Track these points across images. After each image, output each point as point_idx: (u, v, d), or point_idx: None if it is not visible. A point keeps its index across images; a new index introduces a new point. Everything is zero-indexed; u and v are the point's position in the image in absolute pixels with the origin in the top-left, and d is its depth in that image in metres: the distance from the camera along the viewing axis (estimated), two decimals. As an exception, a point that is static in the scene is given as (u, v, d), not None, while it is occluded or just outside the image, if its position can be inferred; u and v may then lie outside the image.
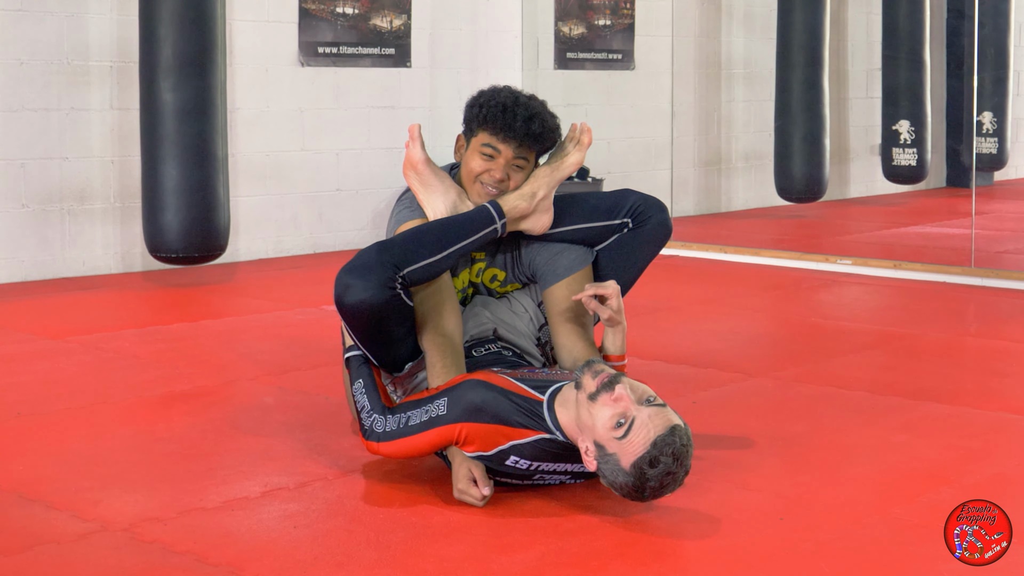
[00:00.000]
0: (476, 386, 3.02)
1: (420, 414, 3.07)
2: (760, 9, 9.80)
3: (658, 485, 2.85)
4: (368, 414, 3.15)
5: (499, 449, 3.01)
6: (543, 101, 3.47)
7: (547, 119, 3.41)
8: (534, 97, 3.45)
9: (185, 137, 6.07)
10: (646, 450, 2.83)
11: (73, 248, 6.70)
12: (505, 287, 3.54)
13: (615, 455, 2.86)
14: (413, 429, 3.07)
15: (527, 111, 3.37)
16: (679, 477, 2.87)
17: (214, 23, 6.12)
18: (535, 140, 3.39)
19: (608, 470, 2.88)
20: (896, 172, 9.94)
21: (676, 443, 2.84)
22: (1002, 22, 10.24)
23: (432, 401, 3.06)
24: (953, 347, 5.10)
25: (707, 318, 5.58)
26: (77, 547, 2.80)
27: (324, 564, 2.70)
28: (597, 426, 2.88)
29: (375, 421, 3.13)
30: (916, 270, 6.75)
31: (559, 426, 2.98)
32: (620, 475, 2.86)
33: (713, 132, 9.69)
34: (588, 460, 2.92)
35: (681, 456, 2.85)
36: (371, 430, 3.13)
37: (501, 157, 3.40)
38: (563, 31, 8.86)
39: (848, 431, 3.74)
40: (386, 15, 7.88)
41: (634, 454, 2.84)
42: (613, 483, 2.90)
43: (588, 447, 2.92)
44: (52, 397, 4.15)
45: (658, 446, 2.83)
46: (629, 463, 2.84)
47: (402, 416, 3.10)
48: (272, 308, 5.73)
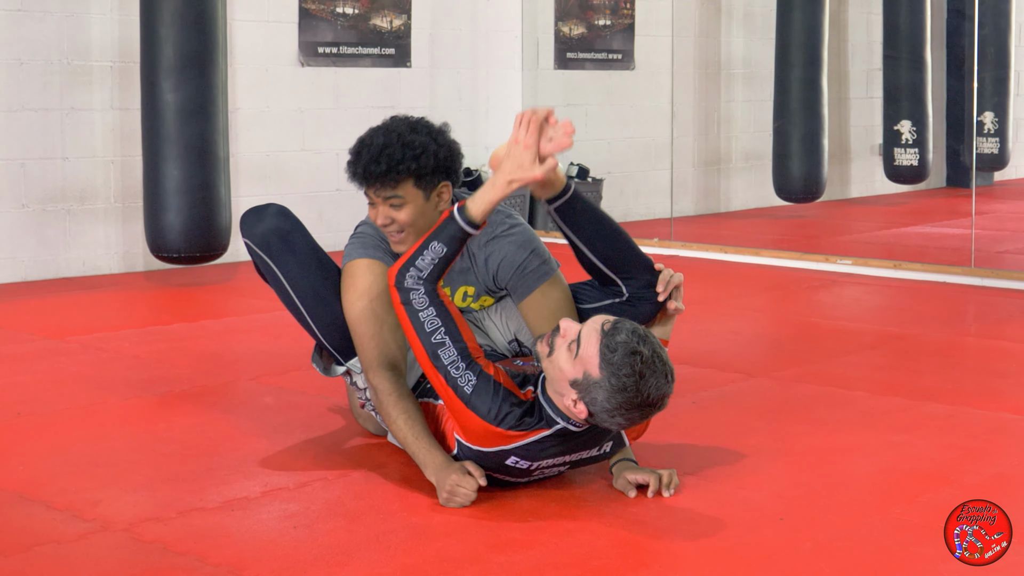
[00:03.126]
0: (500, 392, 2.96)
1: (453, 360, 2.94)
2: (760, 9, 9.80)
3: (631, 370, 2.77)
4: (417, 281, 3.00)
5: (499, 449, 2.99)
6: (416, 122, 3.24)
7: (396, 150, 3.17)
8: (397, 125, 3.22)
9: (186, 137, 6.07)
10: (600, 343, 2.80)
11: (73, 248, 6.70)
12: (479, 301, 3.47)
13: (586, 376, 2.81)
14: (436, 359, 2.96)
15: (371, 151, 3.19)
16: (649, 357, 2.79)
17: (215, 23, 6.12)
18: (385, 178, 3.20)
19: (595, 399, 2.81)
20: (898, 172, 9.94)
21: (624, 325, 2.82)
22: (1003, 22, 10.24)
23: (468, 367, 2.95)
24: (953, 347, 5.10)
25: (707, 318, 5.58)
26: (77, 547, 2.80)
27: (324, 564, 2.70)
28: (563, 367, 2.85)
29: (416, 293, 3.00)
30: (916, 270, 6.75)
31: (559, 411, 2.94)
32: (601, 391, 2.80)
33: (713, 132, 9.69)
34: (580, 410, 2.85)
35: (638, 332, 2.80)
36: (407, 290, 3.00)
37: (376, 203, 3.28)
38: (563, 31, 8.86)
39: (848, 431, 3.74)
40: (386, 15, 7.88)
41: (593, 356, 2.80)
42: (607, 409, 2.82)
43: (574, 399, 2.85)
44: (52, 397, 4.15)
45: (608, 332, 2.80)
46: (596, 368, 2.79)
47: (439, 333, 2.97)
48: (272, 308, 5.71)
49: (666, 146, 8.98)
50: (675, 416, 3.81)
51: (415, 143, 3.19)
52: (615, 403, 2.81)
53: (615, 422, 2.87)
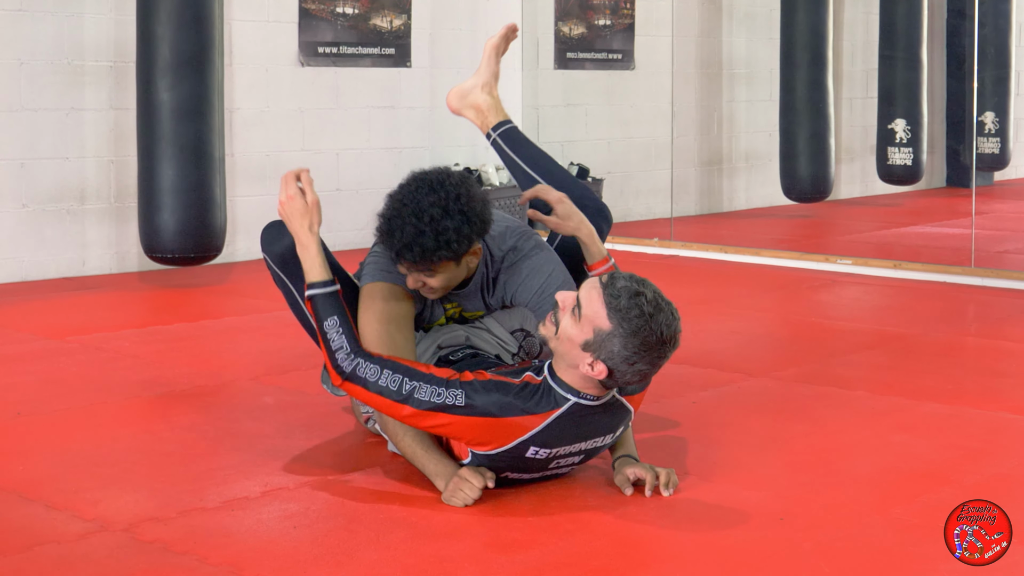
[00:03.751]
0: (492, 384, 2.97)
1: (430, 392, 2.95)
2: (761, 9, 9.80)
3: (641, 311, 2.81)
4: (349, 356, 3.01)
5: (519, 440, 2.98)
6: (446, 198, 3.11)
7: (429, 240, 3.09)
8: (428, 206, 3.10)
9: (182, 137, 6.05)
10: (603, 299, 2.84)
11: (73, 248, 6.70)
12: (473, 313, 3.49)
13: (598, 334, 2.84)
14: (419, 403, 2.95)
15: (404, 236, 3.10)
16: (652, 290, 2.85)
17: (212, 23, 6.10)
18: (419, 264, 3.15)
19: (612, 353, 2.83)
20: (891, 172, 9.90)
21: (620, 273, 2.89)
22: (1003, 22, 10.24)
23: (447, 387, 2.96)
24: (953, 347, 5.10)
25: (707, 318, 5.58)
26: (77, 547, 2.80)
27: (324, 564, 2.70)
28: (572, 335, 2.88)
29: (359, 365, 3.00)
30: (916, 270, 6.75)
31: (569, 387, 2.94)
32: (617, 339, 2.83)
33: (713, 132, 9.69)
34: (599, 370, 2.86)
35: (634, 277, 2.87)
36: (353, 372, 3.00)
37: (407, 269, 3.23)
38: (563, 31, 8.86)
39: (848, 431, 3.74)
40: (386, 15, 7.88)
41: (599, 312, 2.84)
42: (625, 359, 2.84)
43: (589, 362, 2.87)
44: (52, 397, 4.15)
45: (606, 284, 2.85)
46: (605, 321, 2.83)
47: (407, 382, 2.96)
48: (272, 308, 5.72)
49: (666, 146, 8.98)
50: (675, 416, 3.81)
51: (448, 230, 3.10)
52: (632, 347, 2.83)
53: (636, 370, 2.87)
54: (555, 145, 8.76)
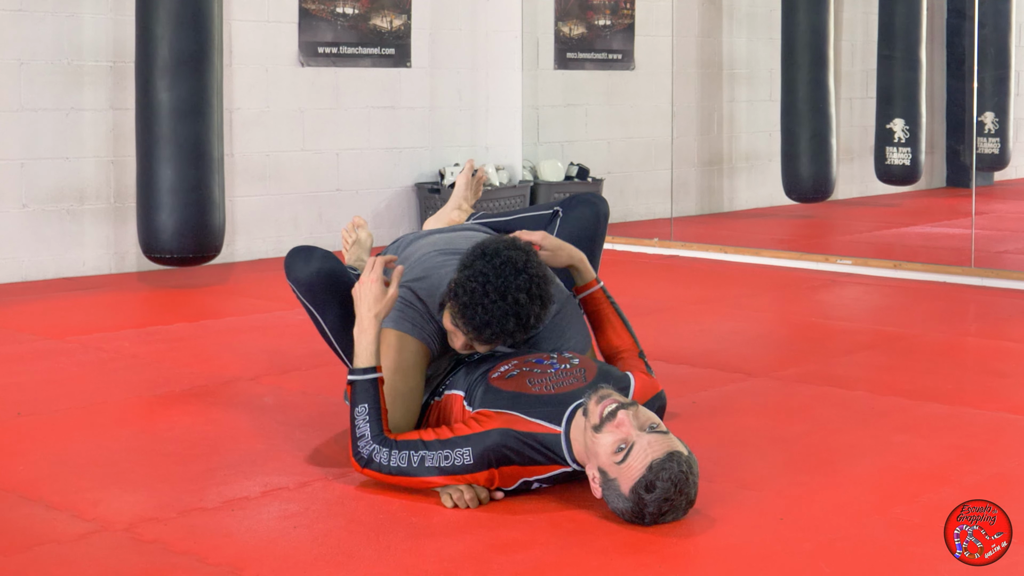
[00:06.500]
0: (502, 435, 3.03)
1: (438, 458, 3.04)
2: (761, 9, 9.80)
3: (656, 511, 2.86)
4: (367, 443, 3.10)
5: (523, 481, 3.08)
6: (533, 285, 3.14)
7: (510, 324, 3.13)
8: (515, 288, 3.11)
9: (181, 137, 6.05)
10: (643, 474, 2.84)
11: (73, 248, 6.70)
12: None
13: (616, 480, 2.89)
14: (428, 471, 3.05)
15: (484, 316, 3.11)
16: (679, 504, 2.88)
17: (211, 23, 6.10)
18: (492, 341, 3.19)
19: (611, 496, 2.91)
20: (889, 171, 9.88)
21: (674, 468, 2.85)
22: (1003, 22, 10.24)
23: (453, 448, 3.05)
24: (953, 347, 5.10)
25: (707, 318, 5.58)
26: (77, 547, 2.80)
27: (324, 564, 2.70)
28: (600, 453, 2.91)
29: (375, 451, 3.09)
30: (916, 270, 6.75)
31: (575, 458, 3.03)
32: (620, 500, 2.89)
33: (713, 132, 9.69)
34: (594, 487, 2.95)
35: (679, 482, 2.86)
36: (369, 459, 3.10)
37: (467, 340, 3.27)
38: (563, 31, 8.86)
39: (848, 431, 3.74)
40: (386, 15, 7.88)
41: (632, 479, 2.86)
42: (616, 508, 2.92)
43: (594, 474, 2.95)
44: (52, 397, 4.15)
45: (654, 470, 2.84)
46: (628, 488, 2.87)
47: (414, 455, 3.06)
48: (272, 308, 5.73)
49: (666, 146, 8.98)
50: (675, 416, 3.81)
51: (530, 316, 3.15)
52: (621, 510, 2.91)
53: (618, 509, 2.93)
54: (555, 145, 8.77)
